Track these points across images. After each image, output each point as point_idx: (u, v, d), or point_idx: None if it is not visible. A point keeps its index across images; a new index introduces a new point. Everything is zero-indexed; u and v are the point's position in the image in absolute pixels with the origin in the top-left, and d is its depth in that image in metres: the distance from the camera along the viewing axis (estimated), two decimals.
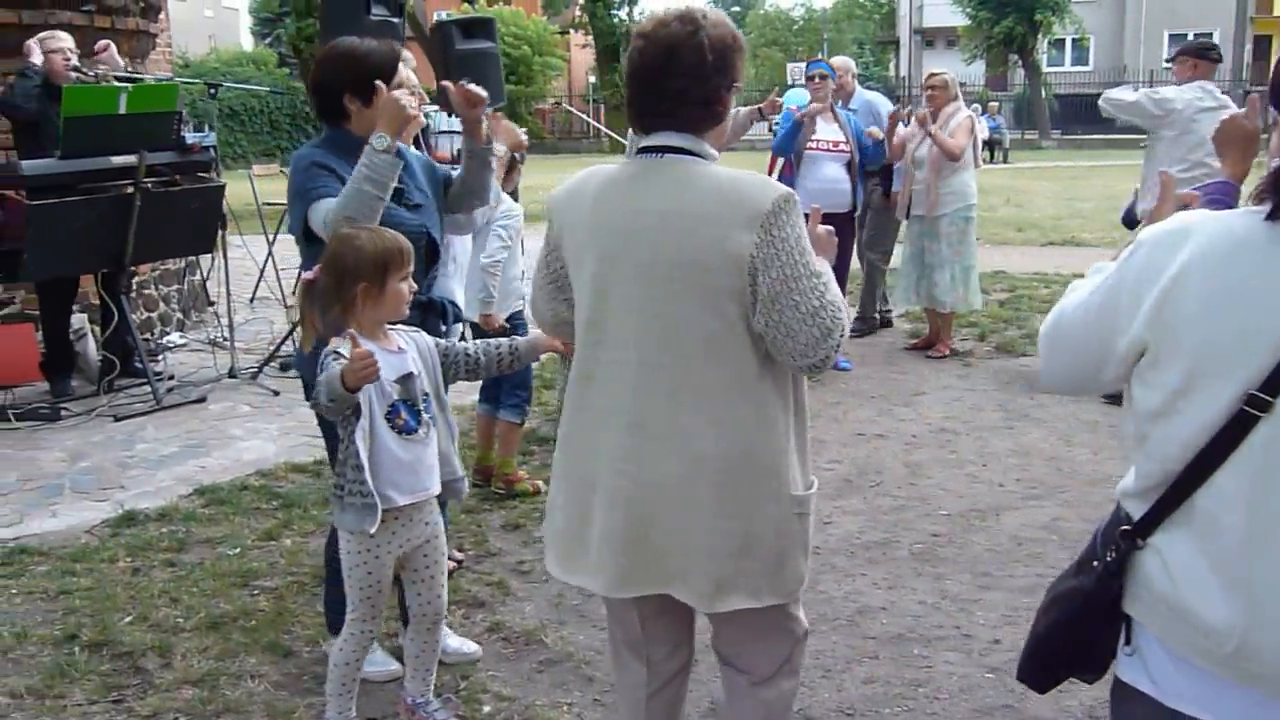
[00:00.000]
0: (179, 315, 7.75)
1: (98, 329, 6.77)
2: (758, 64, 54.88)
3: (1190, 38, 42.98)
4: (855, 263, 7.92)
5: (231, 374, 6.71)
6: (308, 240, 3.13)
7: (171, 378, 6.60)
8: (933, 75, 7.64)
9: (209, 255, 7.50)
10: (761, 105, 6.77)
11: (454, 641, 3.57)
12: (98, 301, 6.81)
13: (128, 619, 3.81)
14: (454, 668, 3.50)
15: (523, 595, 4.03)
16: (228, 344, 7.14)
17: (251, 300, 8.97)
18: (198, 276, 8.04)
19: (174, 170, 6.06)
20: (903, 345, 7.94)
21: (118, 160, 5.79)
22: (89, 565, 4.24)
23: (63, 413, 6.01)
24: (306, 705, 3.28)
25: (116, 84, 5.83)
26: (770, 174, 7.08)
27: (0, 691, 3.37)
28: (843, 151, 6.94)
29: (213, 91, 6.56)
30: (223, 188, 6.39)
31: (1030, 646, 1.93)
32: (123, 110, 5.69)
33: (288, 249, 9.78)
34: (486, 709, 3.30)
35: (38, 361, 6.31)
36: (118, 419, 5.96)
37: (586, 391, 2.32)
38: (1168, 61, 7.53)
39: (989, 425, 6.02)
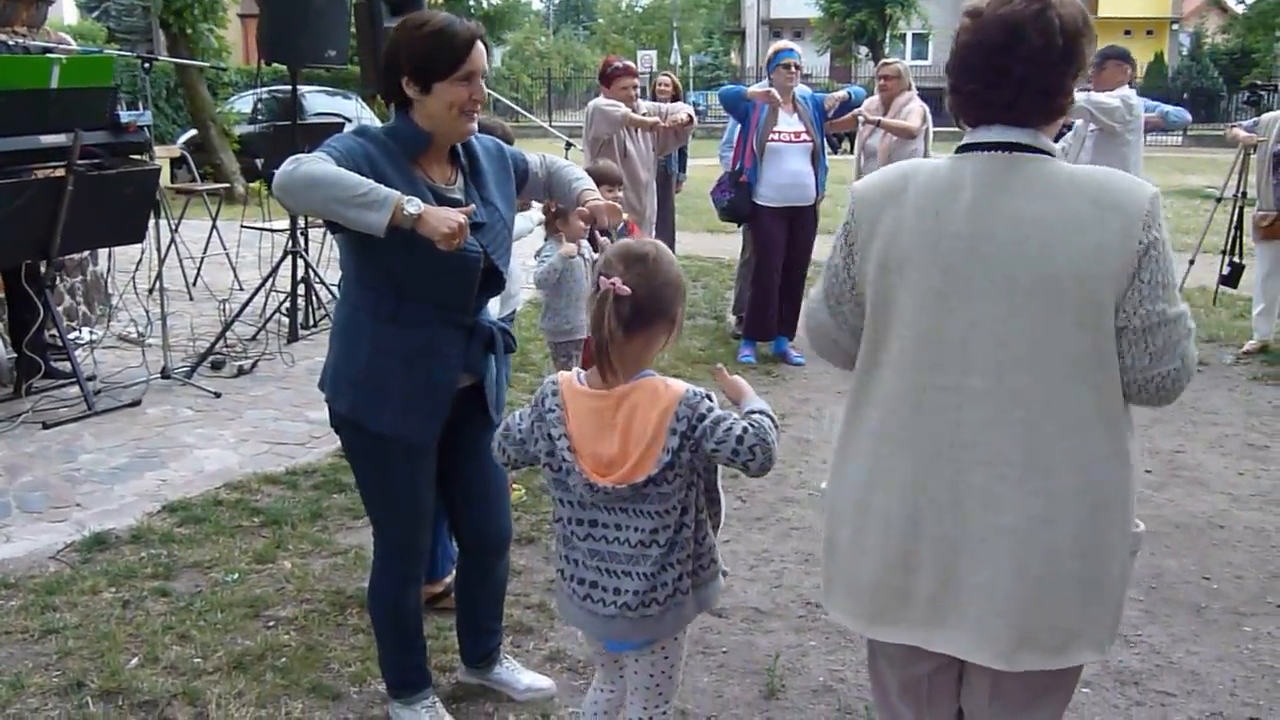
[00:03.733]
0: (84, 309, 7.08)
1: (2, 325, 6.13)
2: (609, 49, 54.78)
3: None
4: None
5: (164, 374, 6.14)
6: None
7: (93, 378, 5.99)
8: (886, 64, 7.57)
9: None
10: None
11: (526, 678, 3.26)
12: (1, 295, 6.16)
13: (135, 661, 3.38)
14: (531, 707, 3.21)
15: None
16: (145, 340, 6.57)
17: (151, 291, 8.28)
18: (99, 266, 7.34)
19: (108, 151, 5.47)
20: None
21: (47, 140, 5.18)
22: (69, 599, 3.76)
23: None
24: None
25: (48, 55, 5.22)
26: (735, 162, 6.91)
27: None
28: (805, 142, 6.79)
29: (146, 66, 5.97)
30: (158, 171, 5.81)
31: None
32: (55, 85, 5.09)
33: (191, 234, 9.12)
34: None
35: None
36: (47, 426, 5.36)
37: (911, 420, 2.02)
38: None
39: None
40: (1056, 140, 7.36)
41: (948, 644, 2.04)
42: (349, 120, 10.08)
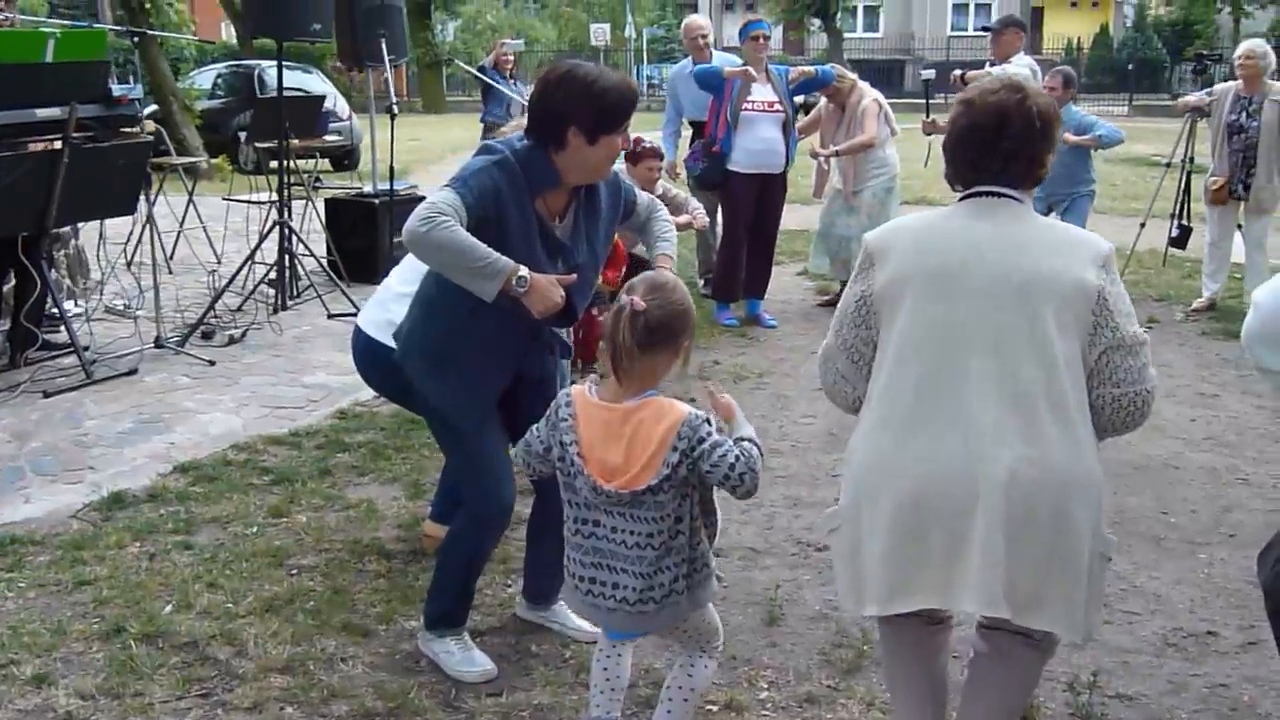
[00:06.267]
0: (68, 283, 7.16)
1: None
2: (561, 24, 54.54)
3: (972, 9, 45.64)
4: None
5: (158, 344, 6.27)
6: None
7: (86, 349, 6.10)
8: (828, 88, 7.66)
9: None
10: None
11: (578, 619, 3.44)
12: None
13: (169, 608, 3.56)
14: (554, 639, 3.43)
15: None
16: (135, 312, 6.70)
17: (129, 264, 8.36)
18: (80, 240, 7.41)
19: (101, 124, 5.58)
20: (814, 303, 8.14)
21: (43, 113, 5.29)
22: (97, 553, 3.93)
23: None
24: (418, 685, 3.16)
25: (44, 29, 5.31)
26: (708, 130, 7.12)
27: (66, 693, 3.10)
28: (778, 112, 7.03)
29: (135, 39, 6.05)
30: (150, 144, 5.93)
31: None
32: (50, 58, 5.20)
33: (162, 208, 9.18)
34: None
35: None
36: (48, 394, 5.50)
37: (914, 403, 2.31)
38: (983, 30, 8.19)
39: None
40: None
41: (962, 599, 2.27)
42: (323, 97, 10.13)
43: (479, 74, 9.96)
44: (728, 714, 3.06)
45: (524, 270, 2.74)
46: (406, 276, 3.69)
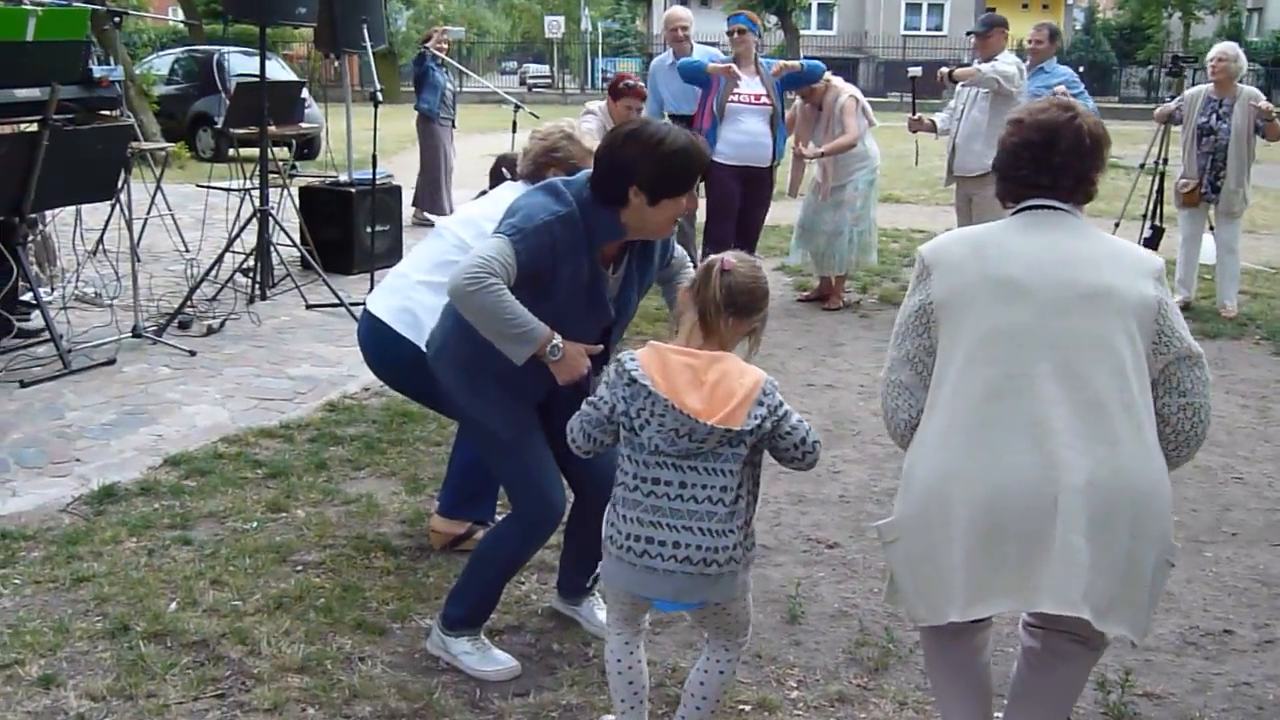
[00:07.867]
0: (35, 270, 6.95)
1: None
2: (514, 16, 54.23)
3: (925, 9, 46.05)
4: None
5: (136, 333, 6.10)
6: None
7: (62, 337, 5.93)
8: (806, 90, 7.58)
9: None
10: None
11: (603, 615, 3.38)
12: None
13: (174, 605, 3.46)
14: (575, 636, 3.39)
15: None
16: (110, 301, 6.53)
17: (94, 253, 8.15)
18: (48, 227, 7.21)
19: (81, 106, 5.41)
20: (794, 298, 8.13)
21: (22, 94, 5.11)
22: (92, 549, 3.80)
23: None
24: (441, 685, 3.09)
25: (25, 7, 5.14)
26: (695, 123, 7.06)
27: (76, 694, 2.99)
28: (764, 105, 7.00)
29: (116, 20, 5.88)
30: (131, 128, 5.77)
31: None
32: (30, 37, 5.02)
33: (137, 195, 8.97)
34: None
35: None
36: (25, 384, 5.32)
37: (984, 407, 2.28)
38: (968, 34, 8.25)
39: None
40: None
41: (1041, 602, 2.23)
42: (302, 82, 9.95)
43: (430, 55, 9.95)
44: (760, 714, 3.02)
45: (557, 339, 2.76)
46: (422, 265, 3.60)
